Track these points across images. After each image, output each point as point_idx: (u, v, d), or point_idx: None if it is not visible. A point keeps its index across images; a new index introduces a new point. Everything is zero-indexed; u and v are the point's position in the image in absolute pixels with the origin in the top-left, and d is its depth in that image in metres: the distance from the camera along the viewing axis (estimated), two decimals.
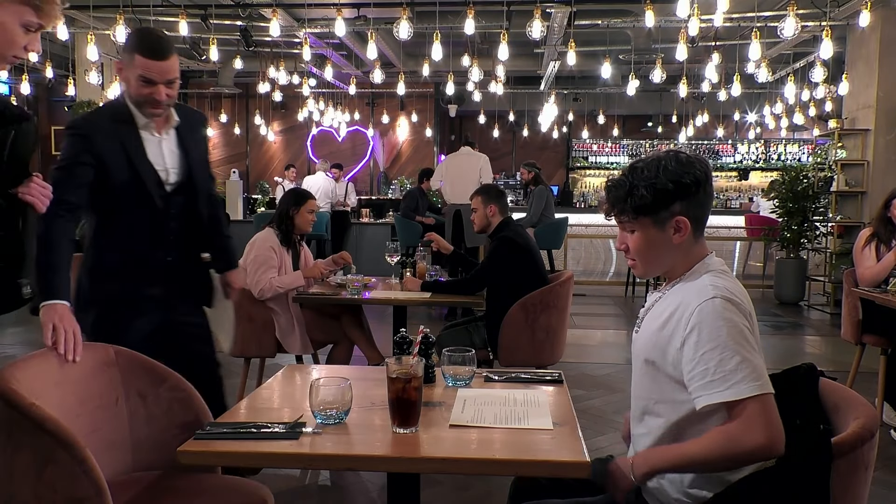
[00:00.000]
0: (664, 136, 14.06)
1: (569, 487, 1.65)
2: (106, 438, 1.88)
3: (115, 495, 1.74)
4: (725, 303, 1.43)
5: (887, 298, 3.56)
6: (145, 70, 2.13)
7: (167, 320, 2.37)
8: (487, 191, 3.85)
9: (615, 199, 1.57)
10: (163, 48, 2.16)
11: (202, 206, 2.41)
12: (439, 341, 3.53)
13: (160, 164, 2.29)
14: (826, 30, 6.56)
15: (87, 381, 1.87)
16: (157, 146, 2.29)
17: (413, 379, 1.51)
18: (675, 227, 1.52)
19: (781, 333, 6.62)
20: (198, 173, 2.39)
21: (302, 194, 3.82)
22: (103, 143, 2.19)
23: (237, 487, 1.89)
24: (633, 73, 8.45)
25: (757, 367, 1.39)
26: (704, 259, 1.56)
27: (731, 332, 1.40)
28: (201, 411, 1.94)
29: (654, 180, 1.50)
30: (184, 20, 7.05)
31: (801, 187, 8.10)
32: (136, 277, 2.29)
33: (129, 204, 2.25)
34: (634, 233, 1.56)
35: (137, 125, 2.25)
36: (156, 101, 2.18)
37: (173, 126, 2.33)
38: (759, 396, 1.37)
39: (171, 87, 2.20)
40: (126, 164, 2.21)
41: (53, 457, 1.37)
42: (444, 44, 6.93)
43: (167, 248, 2.34)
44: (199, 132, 2.48)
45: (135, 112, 2.24)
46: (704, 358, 1.41)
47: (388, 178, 13.20)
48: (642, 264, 1.59)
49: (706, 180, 1.53)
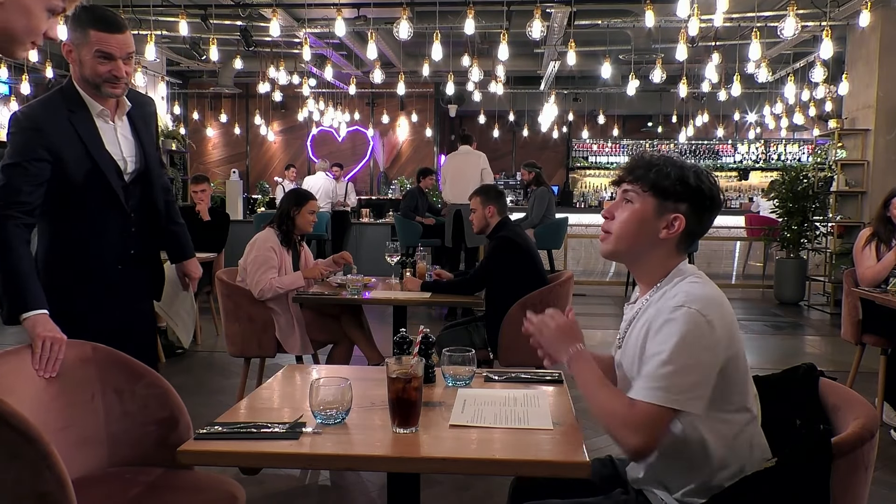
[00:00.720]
0: (664, 136, 14.07)
1: (569, 487, 1.65)
2: (80, 434, 1.90)
3: (89, 490, 1.76)
4: (691, 314, 1.40)
5: (887, 298, 3.56)
6: (103, 44, 2.04)
7: (124, 313, 2.27)
8: (486, 191, 3.85)
9: (636, 166, 1.54)
10: (118, 21, 2.08)
11: (158, 195, 2.33)
12: (439, 341, 3.53)
13: (118, 154, 2.19)
14: (826, 30, 6.56)
15: (63, 378, 1.89)
16: (112, 134, 2.18)
17: (413, 379, 1.51)
18: (670, 223, 1.51)
19: (781, 333, 6.62)
20: (152, 161, 2.29)
21: (303, 195, 3.82)
22: (58, 135, 2.06)
23: (210, 484, 1.90)
24: (633, 73, 8.44)
25: (681, 384, 1.38)
26: (679, 266, 1.54)
27: (680, 344, 1.38)
28: (177, 408, 1.96)
29: (683, 171, 1.51)
30: (184, 20, 7.04)
31: (801, 187, 8.10)
32: (97, 272, 2.19)
33: (88, 197, 2.13)
34: (630, 204, 1.53)
35: (91, 113, 2.13)
36: (116, 77, 2.07)
37: (126, 112, 2.23)
38: (661, 407, 1.38)
39: (129, 63, 2.10)
40: (84, 155, 2.09)
41: (19, 452, 1.38)
42: (444, 44, 6.93)
43: (129, 240, 2.24)
44: (150, 118, 2.35)
45: (87, 99, 2.13)
46: (647, 359, 1.43)
47: (388, 178, 13.20)
48: (616, 239, 1.55)
49: (716, 209, 1.53)
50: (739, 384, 1.47)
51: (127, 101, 2.22)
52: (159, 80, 10.02)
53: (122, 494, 1.79)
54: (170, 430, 1.95)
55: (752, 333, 6.49)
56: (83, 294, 2.19)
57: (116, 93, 2.13)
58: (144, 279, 2.36)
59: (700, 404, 1.39)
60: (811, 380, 1.62)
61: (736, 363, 1.45)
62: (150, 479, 1.88)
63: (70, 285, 2.17)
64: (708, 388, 1.40)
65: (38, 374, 1.83)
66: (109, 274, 2.23)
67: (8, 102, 10.93)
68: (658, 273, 1.54)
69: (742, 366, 1.47)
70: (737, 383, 1.46)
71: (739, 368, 1.46)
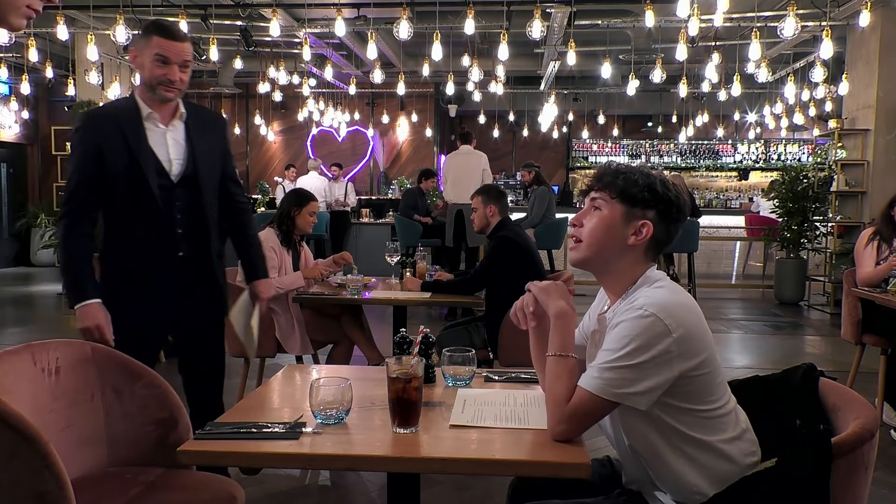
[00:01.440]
0: (664, 136, 14.07)
1: (568, 487, 1.65)
2: (80, 434, 1.91)
3: (88, 490, 1.77)
4: (647, 316, 1.42)
5: (887, 298, 3.56)
6: (162, 49, 2.22)
7: (176, 315, 2.39)
8: (488, 191, 3.85)
9: (604, 174, 1.56)
10: (179, 32, 2.29)
11: (207, 201, 2.40)
12: (439, 341, 3.53)
13: (163, 154, 2.30)
14: (826, 30, 6.56)
15: (63, 378, 1.90)
16: (160, 136, 2.31)
17: (413, 379, 1.51)
18: (638, 229, 1.52)
19: (781, 333, 6.62)
20: (204, 168, 2.38)
21: (304, 195, 3.82)
22: (104, 133, 2.24)
23: (209, 483, 1.91)
24: (633, 73, 8.44)
25: (623, 381, 1.40)
26: (647, 273, 1.55)
27: (631, 342, 1.41)
28: (176, 408, 1.97)
29: (650, 179, 1.53)
30: (184, 20, 7.04)
31: (801, 187, 8.10)
32: (144, 268, 2.32)
33: (129, 193, 2.27)
34: (599, 212, 1.55)
35: (141, 116, 2.29)
36: (170, 80, 2.24)
37: (180, 119, 2.35)
38: (597, 397, 1.42)
39: (185, 71, 2.27)
40: (126, 151, 2.24)
41: (18, 451, 1.38)
42: (444, 44, 6.92)
43: (176, 241, 2.34)
44: (213, 131, 2.48)
45: (140, 104, 2.29)
46: (600, 354, 1.46)
47: (388, 178, 13.19)
48: (586, 247, 1.56)
49: (683, 218, 1.56)
50: (711, 388, 1.47)
51: (183, 109, 2.36)
52: None
53: (121, 494, 1.80)
54: (169, 429, 1.95)
55: (752, 333, 6.49)
56: (128, 288, 2.33)
57: (169, 96, 2.28)
58: (197, 281, 2.41)
59: (643, 401, 1.41)
60: (811, 380, 1.62)
61: (703, 368, 1.44)
62: (149, 478, 1.88)
63: (116, 278, 2.34)
64: (656, 388, 1.41)
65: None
66: (153, 271, 2.33)
67: (8, 102, 10.94)
68: (627, 280, 1.55)
69: (712, 370, 1.47)
70: (708, 387, 1.46)
71: (709, 373, 1.46)
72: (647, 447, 1.49)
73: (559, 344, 1.54)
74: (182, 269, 2.36)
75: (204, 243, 2.41)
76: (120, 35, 6.67)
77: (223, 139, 2.54)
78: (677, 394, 1.44)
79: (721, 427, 1.48)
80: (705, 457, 1.46)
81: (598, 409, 1.45)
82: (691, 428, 1.46)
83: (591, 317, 1.70)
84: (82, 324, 2.21)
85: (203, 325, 2.48)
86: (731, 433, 1.49)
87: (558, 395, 1.47)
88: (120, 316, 2.27)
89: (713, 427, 1.47)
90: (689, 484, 1.47)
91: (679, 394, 1.44)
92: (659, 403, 1.44)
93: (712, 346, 1.48)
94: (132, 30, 7.06)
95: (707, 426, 1.47)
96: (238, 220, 2.58)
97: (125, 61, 9.14)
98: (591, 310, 1.73)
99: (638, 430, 1.49)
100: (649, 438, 1.48)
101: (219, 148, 2.48)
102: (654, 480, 1.53)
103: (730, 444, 1.48)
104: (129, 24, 7.02)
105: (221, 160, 2.49)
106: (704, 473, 1.46)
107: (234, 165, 2.63)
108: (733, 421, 1.51)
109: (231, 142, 2.65)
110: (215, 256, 2.46)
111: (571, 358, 1.52)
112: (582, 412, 1.44)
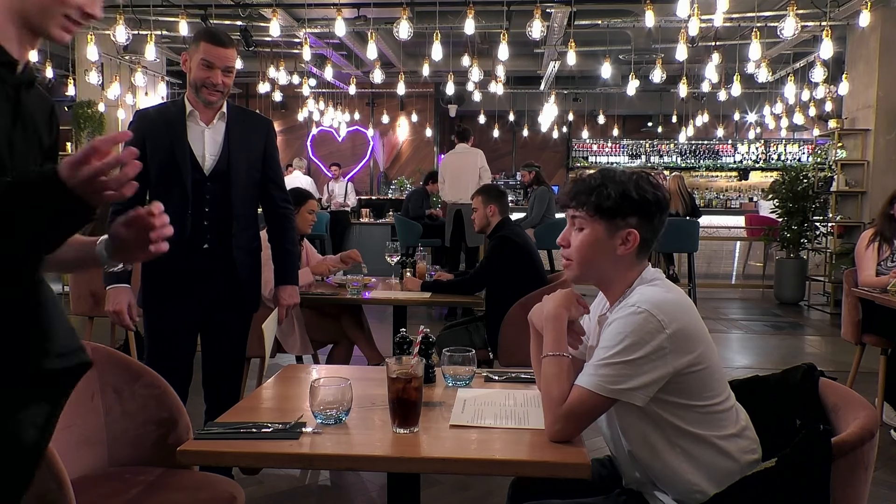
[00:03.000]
0: (664, 136, 14.07)
1: (568, 487, 1.65)
2: (81, 434, 1.91)
3: (89, 490, 1.78)
4: (641, 313, 1.43)
5: (887, 298, 3.55)
6: (207, 54, 2.37)
7: (199, 306, 2.50)
8: (488, 191, 3.86)
9: (578, 192, 1.56)
10: (225, 39, 2.42)
11: (237, 198, 2.48)
12: (439, 341, 3.53)
13: (199, 150, 2.45)
14: (826, 30, 6.56)
15: None
16: (199, 133, 2.46)
17: (413, 379, 1.51)
18: (625, 238, 1.53)
19: (781, 333, 6.62)
20: (238, 165, 2.48)
21: (302, 194, 3.81)
22: (150, 127, 2.43)
23: (209, 483, 1.91)
24: (633, 73, 8.44)
25: (619, 377, 1.41)
26: (642, 273, 1.56)
27: (624, 342, 1.42)
28: (176, 408, 1.98)
29: (623, 186, 1.52)
30: (184, 20, 7.04)
31: (801, 187, 8.10)
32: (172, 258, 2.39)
33: (164, 183, 2.40)
34: (583, 231, 1.56)
35: (185, 113, 2.45)
36: (213, 83, 2.38)
37: (222, 119, 2.49)
38: (594, 394, 1.43)
39: (228, 76, 2.42)
40: (165, 144, 2.41)
41: None
42: (444, 44, 6.93)
43: (203, 233, 2.45)
44: (256, 133, 2.58)
45: (187, 104, 2.46)
46: (596, 352, 1.47)
47: (388, 178, 13.20)
48: (578, 265, 1.58)
49: (665, 209, 1.56)
50: (708, 385, 1.47)
51: (225, 110, 2.50)
52: (159, 80, 10.02)
53: (121, 494, 1.80)
54: (169, 429, 1.95)
55: (752, 333, 6.49)
56: (151, 272, 2.48)
57: (212, 99, 2.42)
58: (221, 274, 2.50)
59: (639, 397, 1.42)
60: (811, 380, 1.62)
61: (699, 364, 1.45)
62: (149, 478, 1.89)
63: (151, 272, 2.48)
64: (651, 383, 1.42)
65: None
66: (176, 259, 2.33)
67: None
68: (624, 284, 1.57)
69: (709, 367, 1.47)
70: (705, 383, 1.47)
71: (706, 369, 1.46)
72: (644, 446, 1.49)
73: (552, 344, 1.54)
74: (207, 261, 2.46)
75: (226, 236, 2.49)
76: (120, 35, 6.67)
77: (266, 142, 2.62)
78: (673, 390, 1.44)
79: (719, 423, 1.48)
80: (703, 453, 1.47)
81: (596, 407, 1.45)
82: (688, 423, 1.46)
83: (591, 318, 1.70)
84: (108, 306, 2.42)
85: (228, 320, 2.57)
86: (729, 430, 1.49)
87: (553, 394, 1.48)
88: (155, 314, 2.47)
89: (710, 422, 1.47)
90: (688, 482, 1.47)
91: (675, 390, 1.45)
92: (655, 399, 1.44)
93: (708, 342, 1.49)
94: (132, 30, 7.06)
95: (704, 421, 1.47)
96: (276, 224, 2.69)
97: (125, 61, 9.15)
98: (591, 311, 1.73)
99: (635, 428, 1.49)
100: (646, 436, 1.48)
101: (259, 150, 2.58)
102: (653, 480, 1.53)
103: (728, 441, 1.48)
104: (129, 25, 7.02)
105: (262, 162, 2.59)
106: (703, 471, 1.47)
107: (280, 170, 2.72)
108: (733, 418, 1.51)
109: (277, 147, 2.71)
110: (238, 251, 2.51)
111: (565, 357, 1.52)
112: (579, 411, 1.45)
